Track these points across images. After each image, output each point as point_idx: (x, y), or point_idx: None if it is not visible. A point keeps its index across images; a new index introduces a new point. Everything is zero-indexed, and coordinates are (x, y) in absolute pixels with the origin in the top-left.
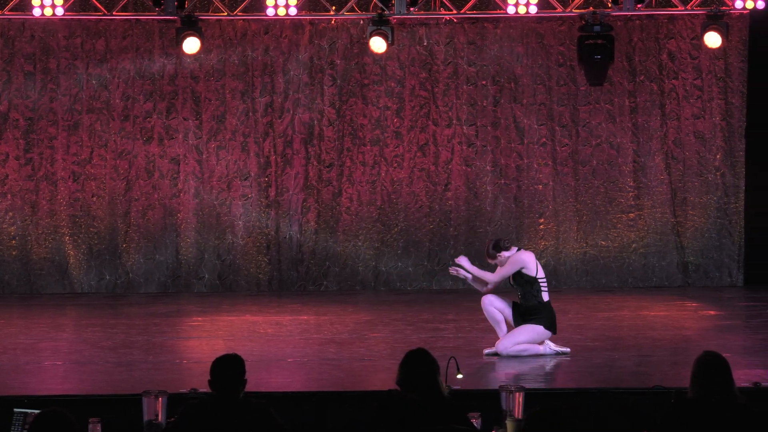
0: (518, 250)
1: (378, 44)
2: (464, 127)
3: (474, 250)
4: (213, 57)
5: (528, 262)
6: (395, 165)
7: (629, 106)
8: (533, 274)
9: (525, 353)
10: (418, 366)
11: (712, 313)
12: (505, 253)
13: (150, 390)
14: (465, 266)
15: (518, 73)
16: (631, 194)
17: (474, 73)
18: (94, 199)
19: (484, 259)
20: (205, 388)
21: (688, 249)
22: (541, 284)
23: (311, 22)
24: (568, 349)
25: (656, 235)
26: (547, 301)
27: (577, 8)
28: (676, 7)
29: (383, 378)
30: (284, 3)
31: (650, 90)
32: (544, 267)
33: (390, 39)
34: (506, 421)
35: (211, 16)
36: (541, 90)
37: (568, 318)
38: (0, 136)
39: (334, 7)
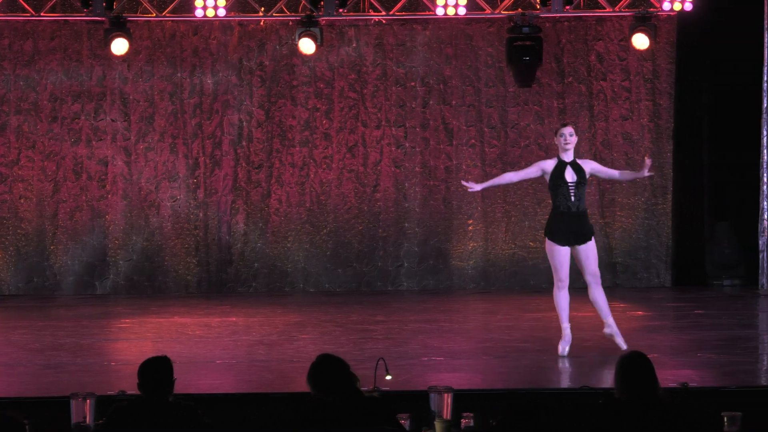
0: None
1: (307, 45)
2: (393, 129)
3: (403, 252)
4: (141, 58)
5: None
6: (324, 166)
7: (558, 107)
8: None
9: None
10: (327, 371)
11: (641, 313)
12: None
13: (78, 392)
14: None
15: (447, 75)
16: None
17: (403, 74)
18: (22, 200)
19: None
20: (133, 390)
21: (617, 250)
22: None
23: (240, 24)
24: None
25: None
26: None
27: (505, 9)
28: (605, 8)
29: None
30: (213, 4)
31: (578, 91)
32: (473, 268)
33: (319, 40)
34: (435, 422)
35: (140, 17)
36: (470, 91)
37: (497, 319)
38: None
39: (263, 9)
